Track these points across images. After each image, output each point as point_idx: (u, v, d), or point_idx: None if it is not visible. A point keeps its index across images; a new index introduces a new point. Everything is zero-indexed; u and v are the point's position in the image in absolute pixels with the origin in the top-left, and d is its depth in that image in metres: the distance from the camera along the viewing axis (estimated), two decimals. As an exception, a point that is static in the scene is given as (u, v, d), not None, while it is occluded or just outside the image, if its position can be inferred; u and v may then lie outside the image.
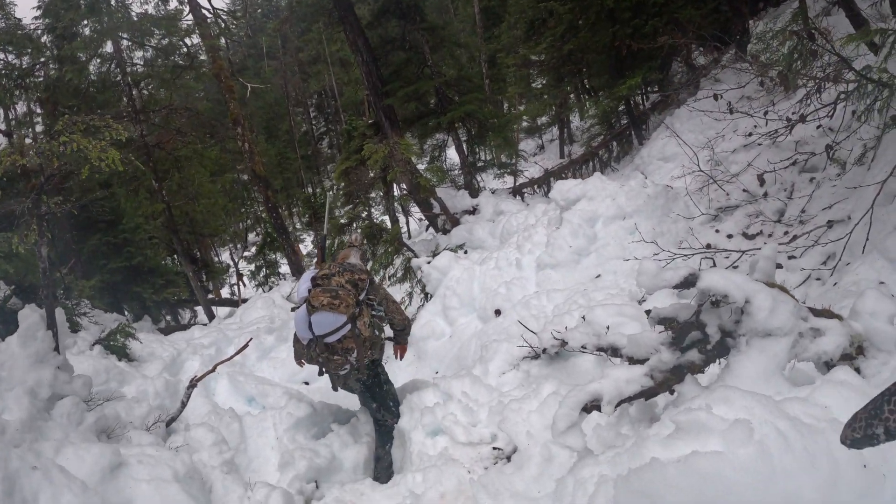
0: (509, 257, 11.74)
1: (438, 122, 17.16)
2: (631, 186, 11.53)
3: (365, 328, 6.88)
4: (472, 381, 7.86)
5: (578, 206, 11.46)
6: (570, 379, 7.39)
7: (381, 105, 16.96)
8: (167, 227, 20.83)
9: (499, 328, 9.95)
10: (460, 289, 11.75)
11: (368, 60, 16.96)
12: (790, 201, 10.94)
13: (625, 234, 10.89)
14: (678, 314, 5.02)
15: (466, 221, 15.51)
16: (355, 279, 6.94)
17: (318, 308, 6.66)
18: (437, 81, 16.94)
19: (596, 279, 10.36)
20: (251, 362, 13.52)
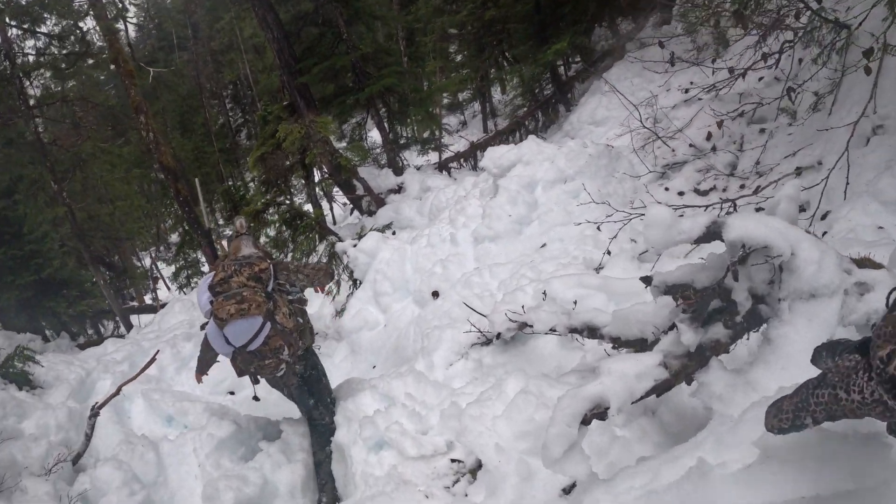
0: (442, 233, 10.40)
1: (357, 99, 15.78)
2: (570, 147, 10.25)
3: (286, 319, 6.04)
4: (415, 379, 6.53)
5: (514, 173, 10.12)
6: (532, 366, 6.13)
7: (296, 84, 15.54)
8: (74, 234, 18.84)
9: (439, 312, 8.58)
10: (391, 272, 10.36)
11: (280, 37, 15.55)
12: (741, 153, 10.19)
13: (568, 197, 9.60)
14: (694, 279, 3.64)
15: (392, 201, 14.29)
16: (256, 272, 6.05)
17: (227, 319, 5.78)
18: (354, 56, 15.54)
19: (541, 249, 9.06)
20: (169, 375, 12.10)
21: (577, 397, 3.42)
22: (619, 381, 3.46)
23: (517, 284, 7.61)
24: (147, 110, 16.25)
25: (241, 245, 6.42)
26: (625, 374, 3.51)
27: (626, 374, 3.51)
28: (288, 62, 15.50)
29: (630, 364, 3.60)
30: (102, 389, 11.22)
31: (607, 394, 3.42)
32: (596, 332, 4.94)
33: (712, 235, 3.46)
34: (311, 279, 6.47)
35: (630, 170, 10.32)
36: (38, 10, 17.81)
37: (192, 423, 8.43)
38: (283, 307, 6.04)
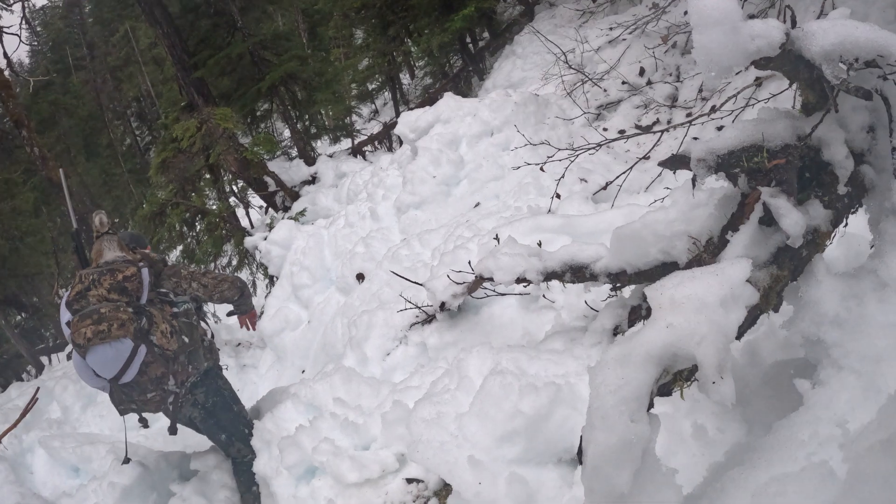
0: (360, 210, 8.95)
1: (259, 89, 14.13)
2: (492, 98, 8.84)
3: (167, 340, 4.49)
4: (344, 378, 4.99)
5: (433, 133, 8.66)
6: (493, 340, 4.56)
7: (191, 79, 13.89)
8: None
9: (367, 296, 7.01)
10: (308, 261, 8.77)
11: (170, 32, 13.94)
12: (680, 84, 9.14)
13: (497, 150, 8.16)
14: (763, 135, 2.09)
15: (307, 192, 12.76)
16: (119, 281, 4.46)
17: (85, 346, 4.27)
18: (250, 42, 13.93)
19: (476, 208, 7.56)
20: (75, 415, 10.51)
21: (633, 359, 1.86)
22: (696, 317, 1.91)
23: (455, 246, 6.11)
24: (29, 123, 14.41)
25: (102, 248, 4.71)
26: (704, 304, 1.94)
27: (706, 303, 1.94)
28: (181, 58, 13.92)
29: (702, 285, 2.03)
30: None
31: (686, 343, 1.87)
32: (584, 270, 3.45)
33: (787, 55, 1.97)
34: (209, 290, 4.78)
35: (562, 114, 9.01)
36: None
37: (97, 469, 6.92)
38: (161, 324, 4.46)
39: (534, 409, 3.18)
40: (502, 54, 15.38)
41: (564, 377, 3.42)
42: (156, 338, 4.40)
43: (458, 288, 4.60)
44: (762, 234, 2.27)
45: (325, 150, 16.16)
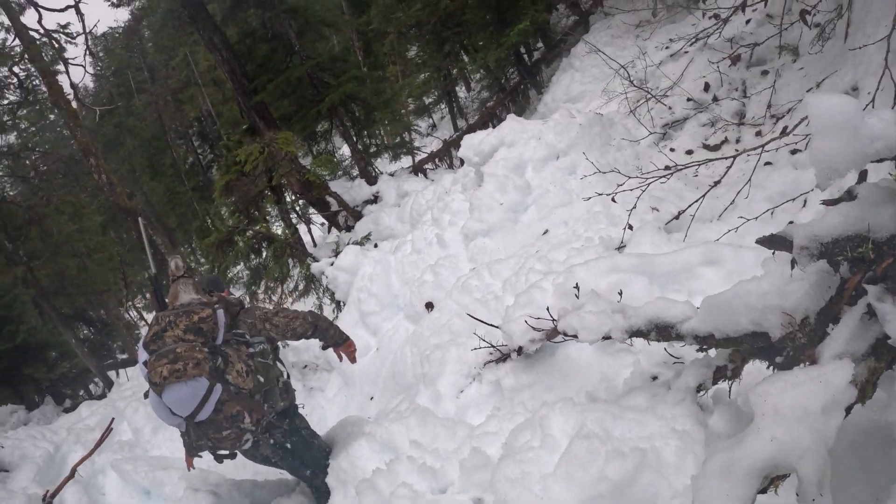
0: (427, 236, 8.78)
1: (318, 111, 14.23)
2: (556, 120, 8.64)
3: (243, 379, 4.48)
4: (420, 420, 4.91)
5: (498, 157, 8.53)
6: (569, 383, 4.63)
7: (252, 104, 14.13)
8: (38, 293, 17.19)
9: (436, 326, 6.92)
10: (376, 287, 8.69)
11: (229, 58, 14.20)
12: (747, 100, 8.84)
13: (564, 174, 7.98)
14: (868, 224, 2.02)
15: (370, 212, 12.76)
16: (195, 322, 4.48)
17: (161, 384, 4.31)
18: (309, 66, 14.02)
19: (544, 236, 7.43)
20: (145, 438, 10.53)
21: (736, 472, 1.81)
22: (799, 427, 1.83)
23: (527, 281, 6.02)
24: (96, 151, 14.83)
25: (178, 291, 4.78)
26: (806, 413, 1.85)
27: (809, 412, 1.85)
28: (241, 83, 14.15)
29: (805, 392, 1.93)
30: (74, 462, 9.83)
31: (789, 456, 1.80)
32: (670, 330, 3.35)
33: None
34: (282, 329, 4.79)
35: (627, 135, 8.84)
36: None
37: (169, 494, 7.04)
38: (237, 363, 4.49)
39: (620, 474, 3.10)
40: (559, 67, 15.23)
41: (649, 440, 3.35)
42: (231, 377, 4.42)
43: (537, 334, 4.52)
44: (862, 326, 2.18)
45: (386, 168, 16.12)
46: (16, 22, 16.13)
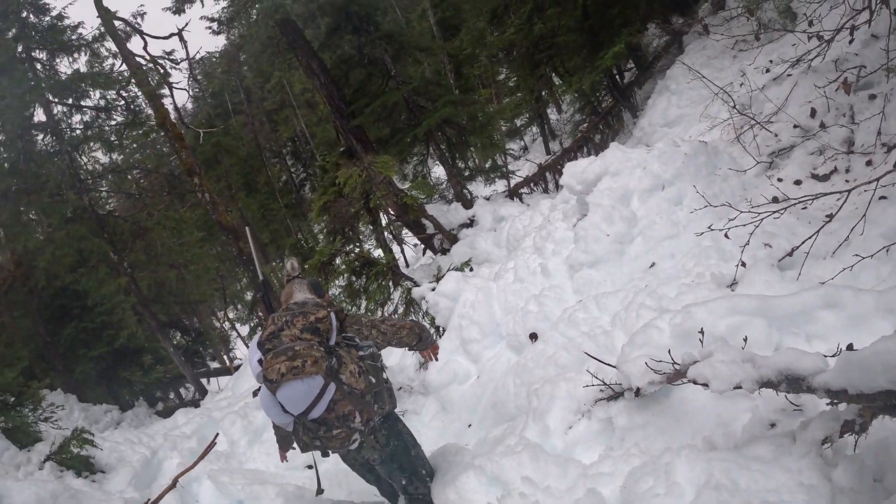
0: (530, 265, 8.65)
1: (415, 135, 14.41)
2: (661, 149, 8.47)
3: (356, 379, 4.55)
4: (532, 456, 4.87)
5: (602, 186, 8.40)
6: (685, 427, 4.59)
7: (350, 127, 14.39)
8: (140, 302, 17.96)
9: (541, 358, 6.87)
10: (478, 315, 8.64)
11: (327, 83, 14.47)
12: (856, 126, 8.36)
13: (670, 205, 7.81)
14: None
15: (465, 236, 12.83)
16: (312, 322, 4.55)
17: (278, 381, 4.37)
18: (405, 90, 14.19)
19: (651, 269, 7.28)
20: (241, 450, 10.72)
21: None
22: None
23: (638, 316, 5.92)
24: (200, 171, 15.32)
25: (293, 290, 4.92)
26: None
27: None
28: (339, 107, 14.41)
29: None
30: (169, 470, 10.04)
31: None
32: (801, 382, 3.27)
33: None
34: (388, 337, 4.94)
35: (732, 164, 8.60)
36: (80, 84, 17.08)
37: None
38: (350, 364, 4.55)
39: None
40: (655, 90, 14.95)
41: (777, 493, 3.30)
42: (345, 377, 4.47)
43: (657, 377, 4.43)
44: None
45: (480, 192, 16.15)
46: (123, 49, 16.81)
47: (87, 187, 17.76)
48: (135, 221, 18.38)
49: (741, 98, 10.31)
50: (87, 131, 18.29)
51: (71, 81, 17.01)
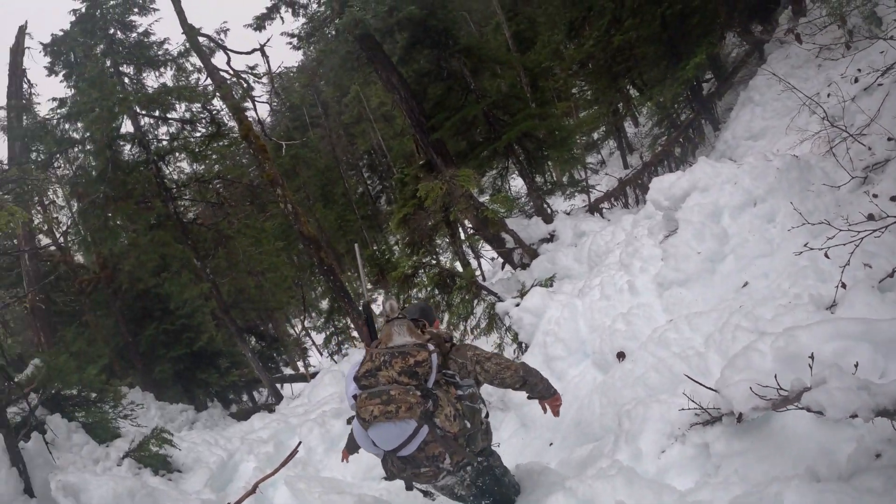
0: (616, 282, 8.49)
1: (495, 149, 14.32)
2: (751, 164, 8.22)
3: (450, 423, 4.47)
4: (626, 480, 4.76)
5: (691, 202, 8.20)
6: (786, 454, 4.37)
7: (430, 141, 14.44)
8: (220, 308, 18.43)
9: (629, 378, 6.74)
10: (563, 332, 8.51)
11: (407, 96, 14.54)
12: None
13: (762, 223, 7.57)
14: None
15: (545, 251, 12.62)
16: (411, 365, 4.47)
17: (371, 421, 4.38)
18: (484, 104, 14.17)
19: (744, 288, 7.07)
20: (317, 457, 10.82)
21: None
22: None
23: (734, 338, 5.74)
24: (283, 183, 15.63)
25: (392, 332, 4.76)
26: None
27: None
28: (419, 120, 14.47)
29: None
30: (245, 473, 10.25)
31: None
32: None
33: None
34: (491, 376, 4.71)
35: (825, 179, 8.25)
36: (165, 97, 17.55)
37: None
38: (446, 407, 4.47)
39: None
40: (738, 101, 14.58)
41: (892, 527, 3.12)
42: (439, 420, 4.41)
43: (762, 402, 4.26)
44: None
45: (558, 206, 16.02)
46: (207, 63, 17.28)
47: (172, 196, 18.30)
48: (217, 229, 18.88)
49: (831, 109, 9.99)
50: (172, 142, 18.88)
51: (157, 95, 17.53)
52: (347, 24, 12.90)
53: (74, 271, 20.00)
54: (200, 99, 18.09)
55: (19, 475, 5.45)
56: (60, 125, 17.47)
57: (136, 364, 18.81)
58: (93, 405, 11.20)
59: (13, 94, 19.39)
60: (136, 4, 18.76)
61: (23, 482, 5.48)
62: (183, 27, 16.82)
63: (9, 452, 5.45)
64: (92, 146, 17.26)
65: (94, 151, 17.33)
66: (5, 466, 5.37)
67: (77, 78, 18.16)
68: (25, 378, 11.19)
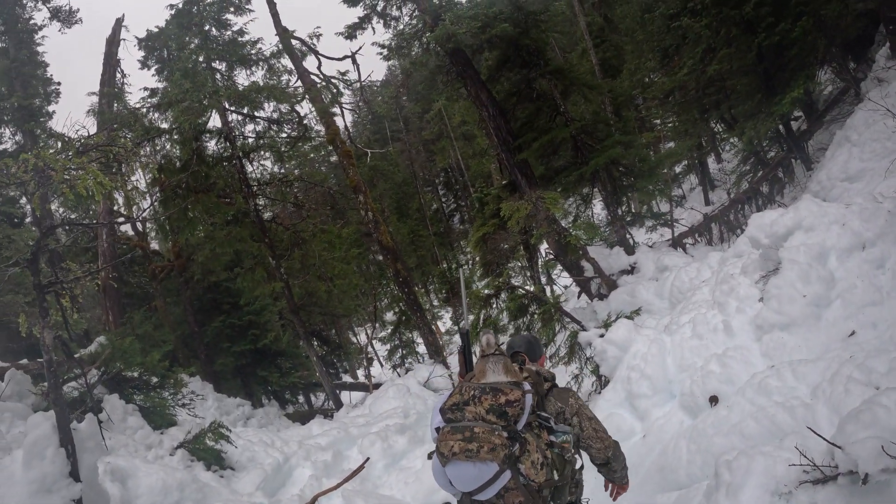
0: (710, 321, 7.99)
1: (581, 174, 13.86)
2: (861, 205, 7.72)
3: (536, 472, 3.96)
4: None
5: (794, 241, 7.72)
6: None
7: (515, 161, 14.19)
8: (290, 308, 18.45)
9: (723, 424, 6.26)
10: (650, 369, 8.07)
11: (495, 114, 14.40)
12: None
13: (872, 268, 7.02)
14: None
15: (625, 283, 12.15)
16: (501, 403, 4.00)
17: (449, 457, 3.96)
18: (573, 127, 13.82)
19: (851, 337, 6.55)
20: (377, 473, 10.49)
21: None
22: None
23: (846, 391, 5.25)
24: (366, 190, 15.73)
25: (486, 369, 4.36)
26: None
27: None
28: (505, 139, 14.27)
29: None
30: (300, 479, 10.05)
31: None
32: None
33: None
34: (586, 435, 4.41)
35: (938, 225, 7.71)
36: (255, 96, 17.74)
37: None
38: (533, 453, 4.02)
39: None
40: (833, 140, 13.80)
41: None
42: (524, 467, 3.97)
43: (893, 463, 3.83)
44: None
45: (639, 238, 15.54)
46: (298, 66, 17.45)
47: (253, 193, 18.48)
48: (295, 231, 19.01)
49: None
50: (258, 140, 19.09)
51: (247, 92, 17.73)
52: (440, 37, 12.77)
53: (149, 257, 20.52)
54: (289, 100, 18.21)
55: (67, 457, 5.36)
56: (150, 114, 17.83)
57: (199, 354, 19.08)
58: (152, 390, 11.18)
59: (106, 82, 20.24)
60: (233, 4, 19.15)
61: (69, 465, 5.39)
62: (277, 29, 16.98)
63: (59, 432, 5.36)
64: (179, 137, 17.55)
65: (180, 142, 17.61)
66: (53, 446, 5.30)
67: (169, 72, 18.65)
68: (88, 355, 11.24)
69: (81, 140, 7.35)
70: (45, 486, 5.12)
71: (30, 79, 21.45)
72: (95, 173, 5.88)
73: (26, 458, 5.18)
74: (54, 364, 5.48)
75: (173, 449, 9.76)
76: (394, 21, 15.86)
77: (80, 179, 5.79)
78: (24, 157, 5.70)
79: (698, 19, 15.12)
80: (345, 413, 17.02)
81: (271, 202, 20.16)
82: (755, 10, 13.76)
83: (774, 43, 13.80)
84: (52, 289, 6.23)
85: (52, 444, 5.30)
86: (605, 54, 25.53)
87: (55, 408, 5.44)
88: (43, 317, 5.65)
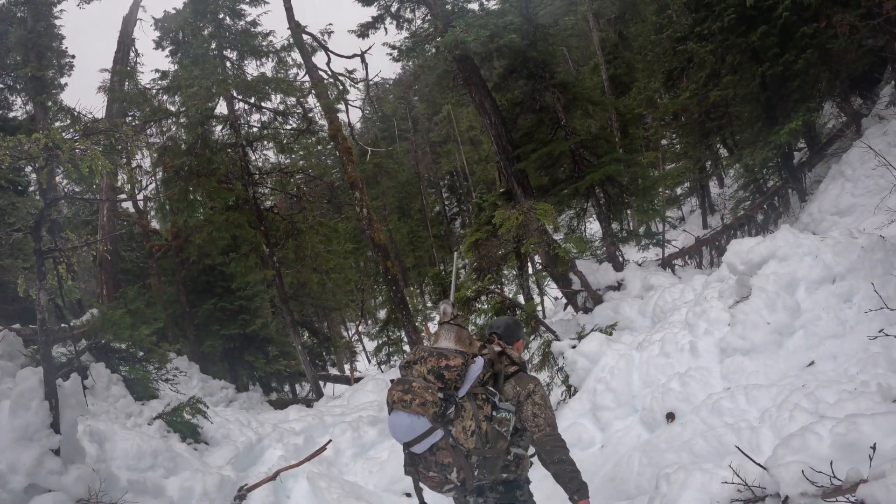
0: (679, 340, 8.20)
1: (576, 188, 14.11)
2: (836, 239, 7.84)
3: (466, 437, 4.28)
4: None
5: (767, 270, 7.89)
6: None
7: (513, 170, 14.39)
8: (280, 297, 18.86)
9: (675, 441, 6.45)
10: (615, 382, 8.27)
11: (497, 122, 14.59)
12: None
13: (839, 301, 7.19)
14: None
15: (611, 299, 12.30)
16: (441, 366, 4.34)
17: (391, 406, 4.42)
18: (573, 141, 14.00)
19: (809, 367, 6.73)
20: (344, 460, 10.73)
21: None
22: None
23: (791, 418, 5.44)
24: (362, 187, 15.92)
25: (440, 335, 4.69)
26: None
27: None
28: (505, 148, 14.46)
29: None
30: (270, 459, 10.27)
31: None
32: None
33: None
34: (534, 430, 4.41)
35: (912, 264, 7.85)
36: (262, 86, 18.07)
37: None
38: (467, 420, 4.29)
39: None
40: (828, 174, 13.98)
41: None
42: (455, 430, 4.28)
43: (812, 488, 4.00)
44: None
45: (630, 256, 15.67)
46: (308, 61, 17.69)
47: (254, 181, 18.85)
48: (291, 221, 19.41)
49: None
50: (263, 130, 19.48)
51: (255, 82, 18.08)
52: (448, 43, 12.95)
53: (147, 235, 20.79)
54: (296, 93, 18.57)
55: (49, 410, 5.66)
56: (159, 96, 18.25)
57: (189, 334, 19.40)
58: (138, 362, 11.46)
59: (119, 60, 20.54)
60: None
61: (52, 417, 5.68)
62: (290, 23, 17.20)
63: (45, 386, 5.67)
64: (185, 120, 17.87)
65: (186, 125, 17.94)
66: (38, 398, 5.60)
67: (182, 55, 19.07)
68: (80, 323, 11.54)
69: (88, 122, 7.67)
70: (28, 434, 5.46)
71: (45, 50, 21.75)
72: (98, 156, 6.22)
73: (13, 407, 5.51)
74: (46, 323, 5.76)
75: (151, 419, 10.08)
76: (406, 23, 16.05)
77: (81, 160, 6.15)
78: (35, 136, 6.02)
79: (704, 44, 15.32)
80: (324, 403, 17.35)
81: (271, 192, 20.50)
82: (762, 40, 13.96)
83: (778, 73, 13.97)
84: (51, 255, 6.66)
85: (37, 397, 5.60)
86: (616, 70, 25.72)
87: (43, 363, 5.79)
88: (40, 279, 5.99)
